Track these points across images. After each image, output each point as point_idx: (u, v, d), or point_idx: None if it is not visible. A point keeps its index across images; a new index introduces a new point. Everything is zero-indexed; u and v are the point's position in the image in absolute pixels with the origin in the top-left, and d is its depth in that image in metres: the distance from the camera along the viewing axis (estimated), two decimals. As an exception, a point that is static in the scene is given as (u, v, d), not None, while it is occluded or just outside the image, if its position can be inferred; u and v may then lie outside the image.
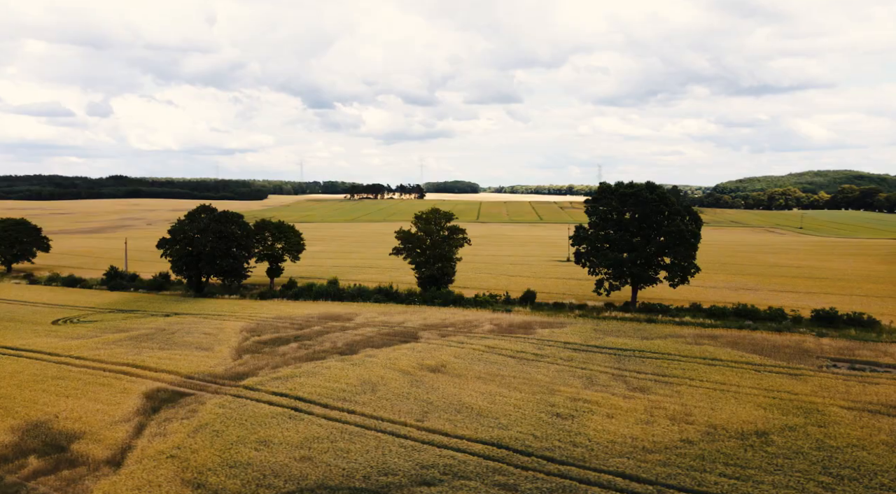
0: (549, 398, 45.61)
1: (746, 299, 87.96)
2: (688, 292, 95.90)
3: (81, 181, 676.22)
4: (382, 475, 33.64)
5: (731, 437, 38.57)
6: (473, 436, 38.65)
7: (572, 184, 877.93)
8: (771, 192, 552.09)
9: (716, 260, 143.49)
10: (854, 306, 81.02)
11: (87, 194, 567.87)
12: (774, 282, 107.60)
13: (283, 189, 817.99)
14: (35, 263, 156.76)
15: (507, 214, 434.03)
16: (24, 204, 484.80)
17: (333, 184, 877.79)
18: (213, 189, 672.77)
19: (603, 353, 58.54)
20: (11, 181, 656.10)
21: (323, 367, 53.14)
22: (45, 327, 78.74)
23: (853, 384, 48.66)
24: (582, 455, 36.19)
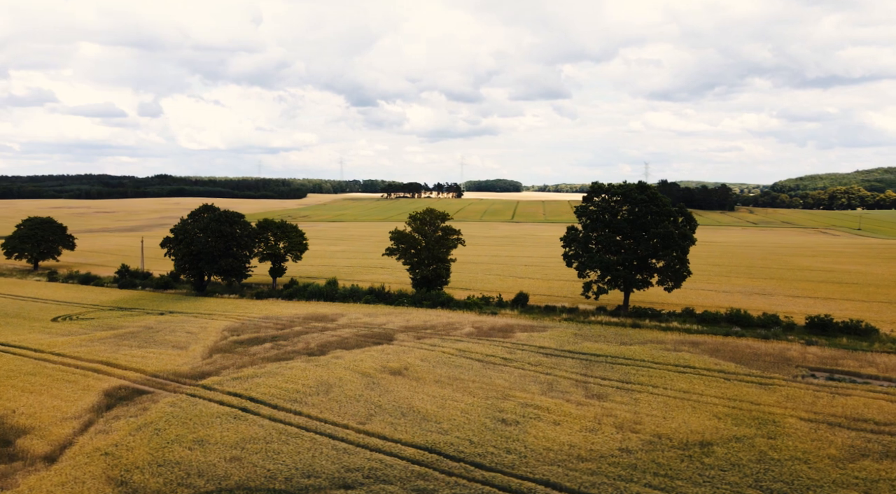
0: (500, 403, 45.05)
1: (755, 304, 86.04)
2: (694, 295, 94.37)
3: (129, 180, 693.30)
4: (305, 477, 33.61)
5: (672, 447, 37.56)
6: (409, 440, 38.38)
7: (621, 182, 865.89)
8: (832, 191, 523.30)
9: (742, 264, 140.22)
10: (868, 313, 79.09)
11: (134, 193, 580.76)
12: (796, 287, 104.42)
13: (323, 188, 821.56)
14: (60, 261, 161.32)
15: (545, 214, 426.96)
16: (73, 202, 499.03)
17: (373, 182, 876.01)
18: (254, 187, 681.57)
19: (574, 359, 57.64)
20: (64, 180, 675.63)
21: (286, 368, 53.42)
22: (44, 324, 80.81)
23: (822, 395, 46.98)
24: (512, 462, 35.64)
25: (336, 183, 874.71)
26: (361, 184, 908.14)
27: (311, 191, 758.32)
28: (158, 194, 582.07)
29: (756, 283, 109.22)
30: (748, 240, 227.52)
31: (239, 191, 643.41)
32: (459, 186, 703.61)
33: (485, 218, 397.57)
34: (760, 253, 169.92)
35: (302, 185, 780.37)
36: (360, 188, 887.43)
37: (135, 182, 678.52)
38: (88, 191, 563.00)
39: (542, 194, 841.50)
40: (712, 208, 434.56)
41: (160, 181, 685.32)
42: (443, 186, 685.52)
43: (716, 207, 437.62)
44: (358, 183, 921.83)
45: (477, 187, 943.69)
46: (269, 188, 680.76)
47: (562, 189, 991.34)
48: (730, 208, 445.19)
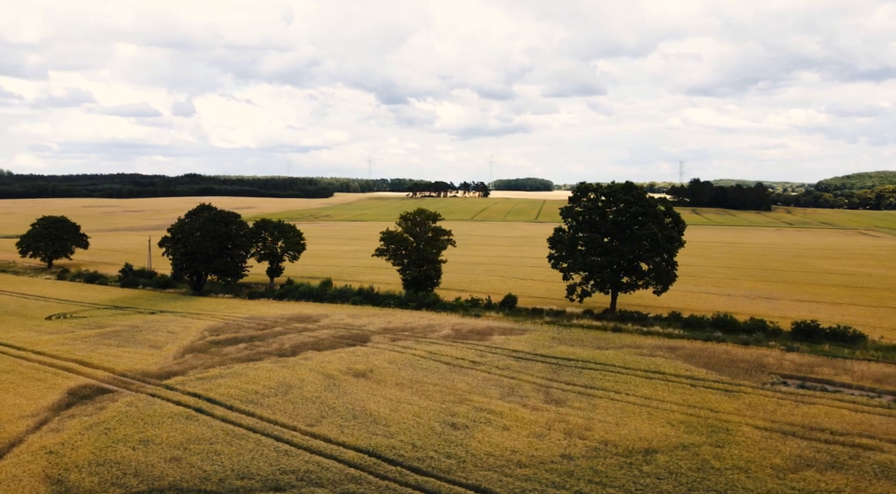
0: (454, 407, 44.89)
1: (755, 308, 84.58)
2: (693, 299, 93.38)
3: (159, 179, 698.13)
4: (239, 478, 33.80)
5: (615, 454, 37.11)
6: (352, 443, 38.41)
7: (654, 181, 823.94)
8: (880, 190, 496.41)
9: (758, 266, 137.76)
10: (871, 319, 77.86)
11: (163, 192, 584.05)
12: (806, 291, 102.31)
13: (350, 187, 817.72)
14: (73, 259, 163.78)
15: None
16: (104, 201, 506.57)
17: (401, 181, 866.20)
18: (281, 186, 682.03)
19: (544, 363, 57.23)
20: (97, 180, 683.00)
21: (253, 369, 53.77)
22: (37, 322, 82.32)
23: (786, 403, 46.08)
24: (450, 466, 35.49)
25: (364, 182, 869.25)
26: (389, 183, 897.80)
27: (339, 190, 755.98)
28: (187, 193, 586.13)
29: (765, 287, 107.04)
30: (777, 241, 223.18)
31: (266, 189, 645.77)
32: (486, 185, 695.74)
33: (508, 217, 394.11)
34: (783, 255, 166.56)
35: (329, 184, 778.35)
36: (387, 187, 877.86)
37: (164, 181, 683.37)
38: (120, 191, 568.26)
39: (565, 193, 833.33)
40: (747, 208, 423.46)
41: (189, 180, 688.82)
42: (469, 185, 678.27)
43: (751, 207, 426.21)
44: (386, 182, 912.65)
45: (506, 186, 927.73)
46: (296, 187, 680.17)
47: None
48: (766, 208, 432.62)
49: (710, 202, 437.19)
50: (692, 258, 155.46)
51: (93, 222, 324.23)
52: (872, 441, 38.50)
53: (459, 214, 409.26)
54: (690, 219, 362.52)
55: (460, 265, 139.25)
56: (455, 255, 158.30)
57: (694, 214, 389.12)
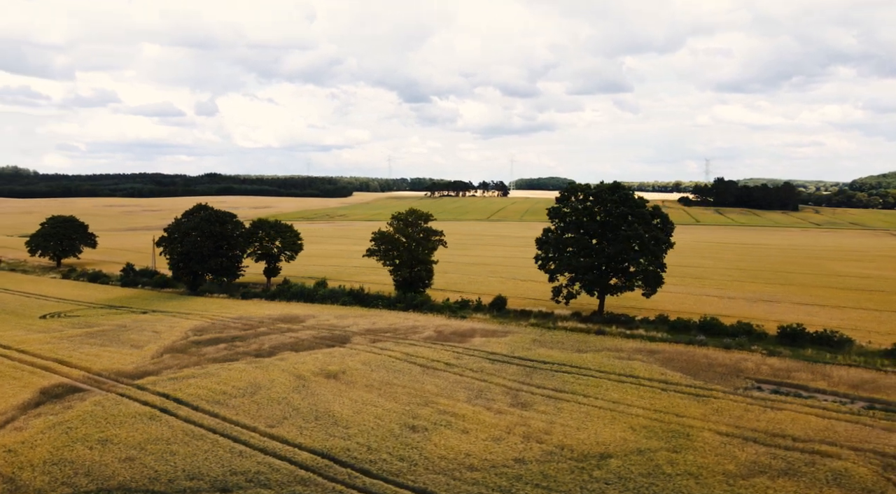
0: (418, 409, 44.91)
1: (752, 312, 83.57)
2: (689, 301, 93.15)
3: (180, 179, 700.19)
4: (189, 479, 34.05)
5: (569, 459, 36.94)
6: (308, 445, 38.55)
7: (680, 180, 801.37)
8: None
9: (768, 268, 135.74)
10: (869, 323, 76.99)
11: (184, 191, 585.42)
12: (811, 294, 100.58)
13: (370, 186, 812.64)
14: (82, 258, 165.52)
15: None
16: (125, 200, 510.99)
17: (420, 180, 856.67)
18: (300, 186, 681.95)
19: (519, 365, 57.07)
20: (119, 179, 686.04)
21: (226, 369, 54.13)
22: (30, 321, 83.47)
23: (754, 408, 45.62)
24: (400, 469, 35.51)
25: (383, 181, 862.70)
26: (409, 183, 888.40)
27: (358, 190, 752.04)
28: (207, 192, 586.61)
29: (770, 289, 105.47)
30: (799, 242, 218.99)
31: (285, 189, 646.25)
32: (505, 184, 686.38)
33: (525, 217, 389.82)
34: (800, 256, 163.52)
35: (348, 184, 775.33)
36: (407, 186, 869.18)
37: (185, 180, 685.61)
38: (141, 190, 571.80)
39: None
40: (773, 208, 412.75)
41: (209, 180, 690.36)
42: (488, 185, 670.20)
43: (777, 207, 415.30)
44: (406, 181, 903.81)
45: (528, 185, 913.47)
46: (315, 186, 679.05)
47: None
48: (793, 208, 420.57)
49: (735, 202, 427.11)
50: (703, 259, 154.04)
51: (112, 221, 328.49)
52: (832, 448, 37.99)
53: (476, 214, 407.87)
54: (713, 219, 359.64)
55: (464, 266, 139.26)
56: (461, 256, 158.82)
57: (717, 214, 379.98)
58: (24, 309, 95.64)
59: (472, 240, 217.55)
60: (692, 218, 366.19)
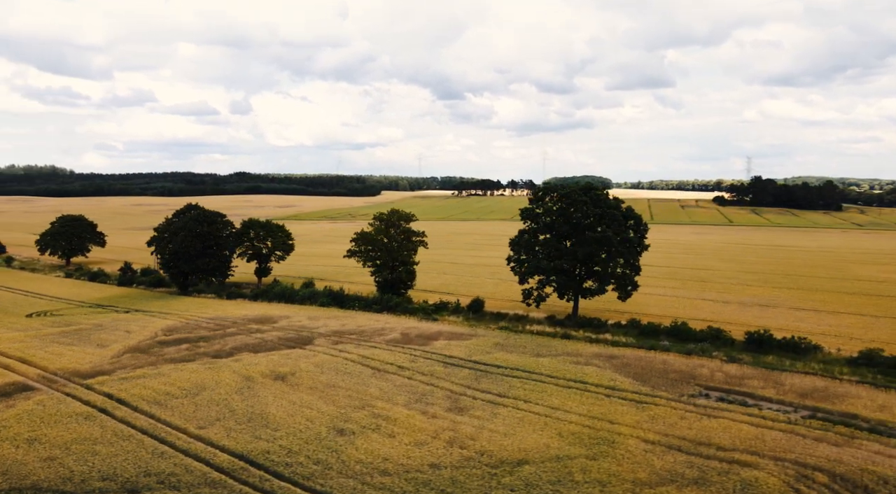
0: (353, 413, 45.23)
1: (743, 317, 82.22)
2: (678, 305, 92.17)
3: (210, 178, 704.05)
4: (101, 480, 34.72)
5: (485, 465, 37.00)
6: (230, 446, 39.07)
7: (722, 178, 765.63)
8: None
9: (782, 271, 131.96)
10: (855, 330, 75.37)
11: (213, 190, 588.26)
12: (814, 299, 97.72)
13: (399, 185, 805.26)
14: (90, 257, 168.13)
15: None
16: (154, 199, 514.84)
17: (451, 179, 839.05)
18: (328, 184, 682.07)
19: (472, 369, 57.11)
20: (150, 178, 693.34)
21: (179, 369, 54.95)
22: (14, 319, 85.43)
23: (691, 416, 45.21)
24: (313, 473, 35.87)
25: (413, 180, 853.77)
26: (439, 181, 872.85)
27: (387, 189, 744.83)
28: (235, 191, 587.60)
29: (773, 293, 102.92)
30: (831, 244, 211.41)
31: (313, 188, 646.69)
32: (534, 183, 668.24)
33: None
34: (825, 259, 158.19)
35: (378, 182, 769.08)
36: (437, 185, 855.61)
37: (215, 179, 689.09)
38: (171, 189, 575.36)
39: (628, 191, 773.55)
40: (815, 208, 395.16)
41: (238, 178, 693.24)
42: (517, 183, 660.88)
43: (820, 207, 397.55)
44: (436, 180, 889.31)
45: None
46: (344, 185, 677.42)
47: (657, 186, 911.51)
48: (836, 208, 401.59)
49: (774, 201, 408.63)
50: (718, 261, 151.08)
51: (138, 220, 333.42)
52: (752, 458, 37.59)
53: (501, 213, 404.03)
54: (747, 219, 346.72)
55: (467, 267, 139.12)
56: (468, 256, 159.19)
57: (753, 214, 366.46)
58: (14, 307, 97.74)
59: (487, 240, 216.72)
60: (725, 218, 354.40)
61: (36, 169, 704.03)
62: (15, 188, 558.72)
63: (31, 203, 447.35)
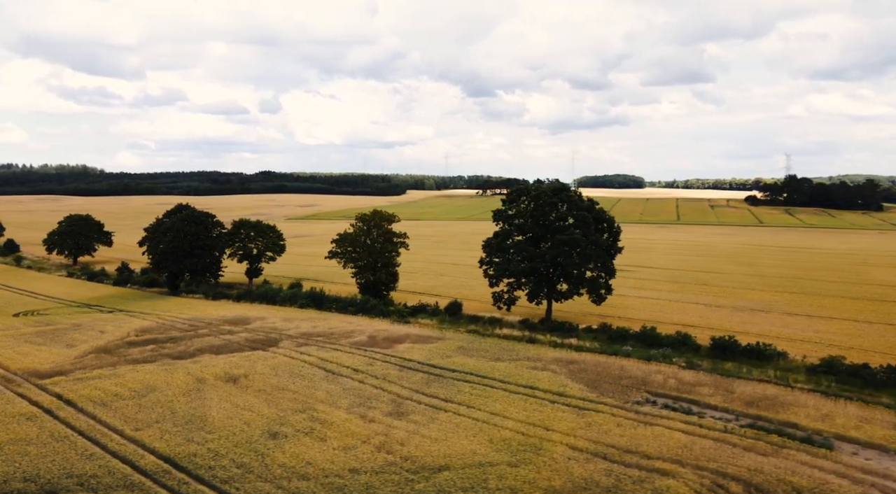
0: (292, 416, 45.77)
1: (729, 322, 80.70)
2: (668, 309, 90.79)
3: (235, 177, 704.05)
4: (23, 481, 35.55)
5: (405, 470, 37.30)
6: (159, 449, 39.76)
7: (761, 176, 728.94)
8: None
9: (793, 275, 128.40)
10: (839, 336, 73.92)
11: (239, 189, 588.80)
12: (816, 304, 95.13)
13: (425, 184, 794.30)
14: (99, 256, 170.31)
15: (641, 214, 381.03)
16: (178, 199, 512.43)
17: (478, 178, 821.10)
18: (353, 184, 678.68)
19: (426, 373, 57.38)
20: (177, 177, 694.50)
21: (135, 370, 55.90)
22: (0, 318, 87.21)
23: (628, 423, 45.12)
24: (232, 476, 36.43)
25: (439, 179, 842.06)
26: (466, 180, 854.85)
27: (413, 188, 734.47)
28: (260, 190, 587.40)
29: (774, 298, 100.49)
30: (859, 246, 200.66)
31: (338, 187, 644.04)
32: (561, 182, 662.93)
33: None
34: (847, 263, 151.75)
35: (403, 181, 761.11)
36: (464, 184, 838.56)
37: (241, 178, 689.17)
38: (197, 188, 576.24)
39: (659, 191, 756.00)
40: (853, 208, 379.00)
41: (263, 177, 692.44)
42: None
43: (859, 206, 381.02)
44: (462, 178, 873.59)
45: (592, 183, 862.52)
46: (368, 184, 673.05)
47: (693, 185, 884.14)
48: (876, 208, 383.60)
49: (809, 201, 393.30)
50: (729, 264, 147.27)
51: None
52: (673, 466, 37.48)
53: None
54: (779, 219, 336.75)
55: (464, 268, 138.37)
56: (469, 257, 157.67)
57: (786, 215, 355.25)
58: (6, 306, 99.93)
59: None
60: (756, 218, 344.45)
61: (67, 168, 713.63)
62: (46, 187, 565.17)
63: (59, 202, 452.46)
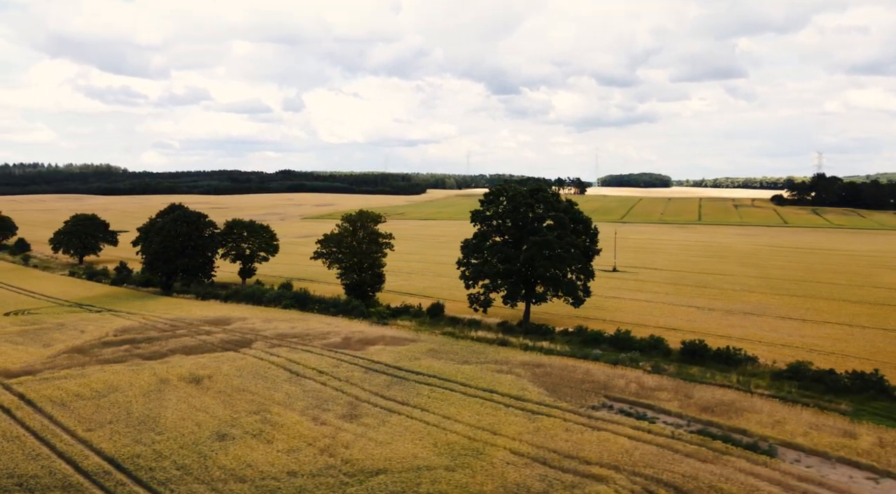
0: (245, 418, 46.38)
1: (715, 326, 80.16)
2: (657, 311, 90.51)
3: (255, 176, 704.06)
4: (-33, 479, 36.42)
5: (343, 473, 37.75)
6: (106, 450, 40.51)
7: (793, 175, 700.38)
8: None
9: (801, 277, 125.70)
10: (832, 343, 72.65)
11: (258, 189, 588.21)
12: (813, 308, 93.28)
13: (446, 183, 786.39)
14: (104, 256, 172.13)
15: (662, 214, 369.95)
16: (197, 198, 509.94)
17: (500, 177, 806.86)
18: (372, 183, 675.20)
19: (390, 376, 57.78)
20: (198, 177, 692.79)
21: (102, 371, 56.85)
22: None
23: (576, 428, 45.21)
24: (171, 477, 37.05)
25: (460, 178, 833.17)
26: (488, 179, 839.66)
27: (433, 187, 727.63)
28: (279, 189, 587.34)
29: (769, 300, 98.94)
30: (883, 247, 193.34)
31: (357, 186, 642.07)
32: (581, 181, 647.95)
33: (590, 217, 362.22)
34: (860, 264, 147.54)
35: (424, 180, 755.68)
36: (486, 183, 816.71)
37: (261, 177, 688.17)
38: (217, 187, 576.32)
39: (686, 189, 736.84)
40: (885, 208, 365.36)
41: (283, 176, 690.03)
42: (563, 181, 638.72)
43: (890, 206, 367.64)
44: (484, 177, 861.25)
45: (616, 181, 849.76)
46: (388, 183, 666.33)
47: (721, 184, 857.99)
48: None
49: (839, 201, 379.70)
50: (736, 266, 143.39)
51: None
52: (609, 472, 37.58)
53: None
54: (805, 220, 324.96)
55: None
56: None
57: (813, 215, 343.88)
58: (0, 304, 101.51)
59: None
60: (781, 219, 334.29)
61: (92, 167, 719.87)
62: (70, 186, 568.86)
63: (81, 201, 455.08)
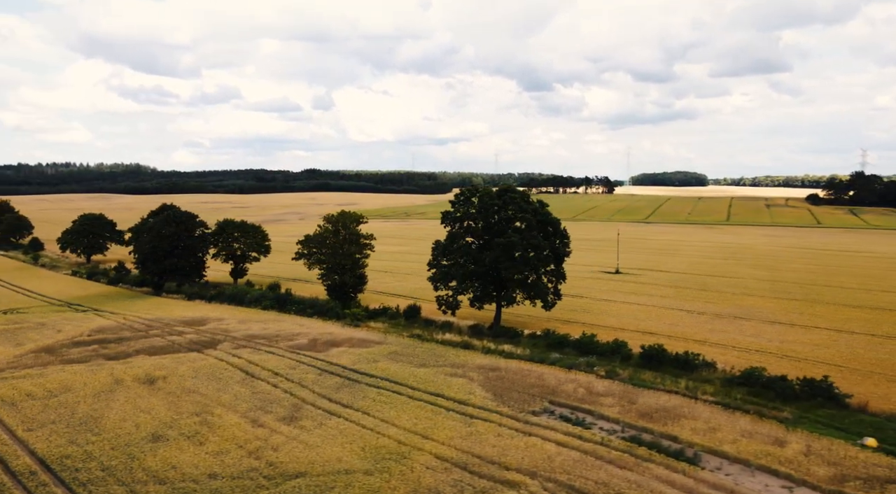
0: (185, 419, 47.42)
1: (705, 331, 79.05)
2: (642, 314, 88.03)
3: (280, 175, 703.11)
4: None
5: (263, 476, 38.57)
6: (38, 450, 41.77)
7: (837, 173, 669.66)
8: None
9: (808, 280, 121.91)
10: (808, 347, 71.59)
11: (283, 188, 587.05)
12: (808, 312, 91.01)
13: (473, 182, 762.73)
14: (107, 255, 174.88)
15: (689, 214, 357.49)
16: (221, 197, 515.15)
17: (529, 175, 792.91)
18: (398, 182, 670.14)
19: (343, 378, 58.54)
20: (224, 175, 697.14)
21: (62, 371, 58.37)
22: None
23: (508, 433, 45.52)
24: (94, 478, 38.14)
25: (488, 176, 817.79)
26: (516, 178, 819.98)
27: (460, 186, 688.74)
28: (303, 188, 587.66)
29: (765, 304, 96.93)
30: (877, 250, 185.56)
31: (382, 185, 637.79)
32: (610, 180, 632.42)
33: (614, 217, 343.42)
34: (881, 267, 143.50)
35: (450, 179, 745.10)
36: (514, 181, 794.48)
37: (286, 177, 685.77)
38: (242, 187, 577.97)
39: (720, 188, 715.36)
40: None
41: (308, 175, 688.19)
42: (591, 180, 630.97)
43: None
44: (513, 176, 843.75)
45: (649, 180, 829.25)
46: (414, 182, 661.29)
47: (760, 182, 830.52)
48: None
49: (879, 200, 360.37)
50: (747, 268, 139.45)
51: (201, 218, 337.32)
52: (524, 478, 37.92)
53: (564, 213, 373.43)
54: (840, 220, 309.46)
55: None
56: None
57: (850, 215, 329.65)
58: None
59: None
60: (814, 219, 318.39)
61: (122, 166, 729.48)
62: (99, 186, 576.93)
63: (109, 200, 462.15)
